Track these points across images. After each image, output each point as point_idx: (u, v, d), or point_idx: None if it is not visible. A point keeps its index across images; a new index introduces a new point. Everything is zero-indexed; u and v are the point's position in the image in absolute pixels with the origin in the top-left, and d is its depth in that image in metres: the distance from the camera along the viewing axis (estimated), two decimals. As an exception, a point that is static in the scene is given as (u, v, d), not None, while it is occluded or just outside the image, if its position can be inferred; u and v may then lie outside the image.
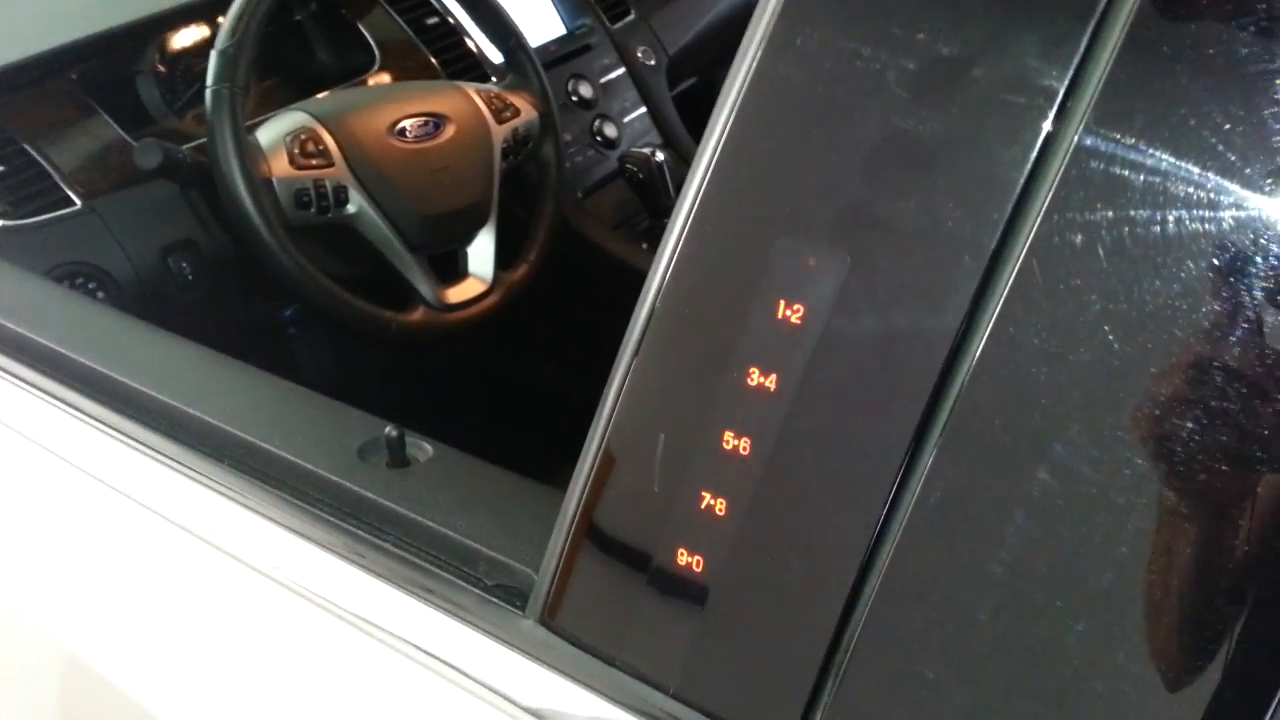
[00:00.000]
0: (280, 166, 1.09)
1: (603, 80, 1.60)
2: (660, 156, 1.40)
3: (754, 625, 0.44)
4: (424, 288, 1.18)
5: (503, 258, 1.26)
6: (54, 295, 0.97)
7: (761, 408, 0.43)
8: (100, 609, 0.73)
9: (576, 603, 0.50)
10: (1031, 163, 0.38)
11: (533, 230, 1.31)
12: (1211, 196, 0.35)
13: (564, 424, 0.68)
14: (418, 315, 1.17)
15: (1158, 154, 0.36)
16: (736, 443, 0.44)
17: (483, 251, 1.25)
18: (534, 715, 0.52)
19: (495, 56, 1.47)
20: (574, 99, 1.54)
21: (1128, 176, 0.37)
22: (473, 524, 0.59)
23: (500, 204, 1.25)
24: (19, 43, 1.20)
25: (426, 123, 1.19)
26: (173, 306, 1.16)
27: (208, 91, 1.06)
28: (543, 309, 1.35)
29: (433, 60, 1.46)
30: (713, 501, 0.45)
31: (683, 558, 0.46)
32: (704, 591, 0.45)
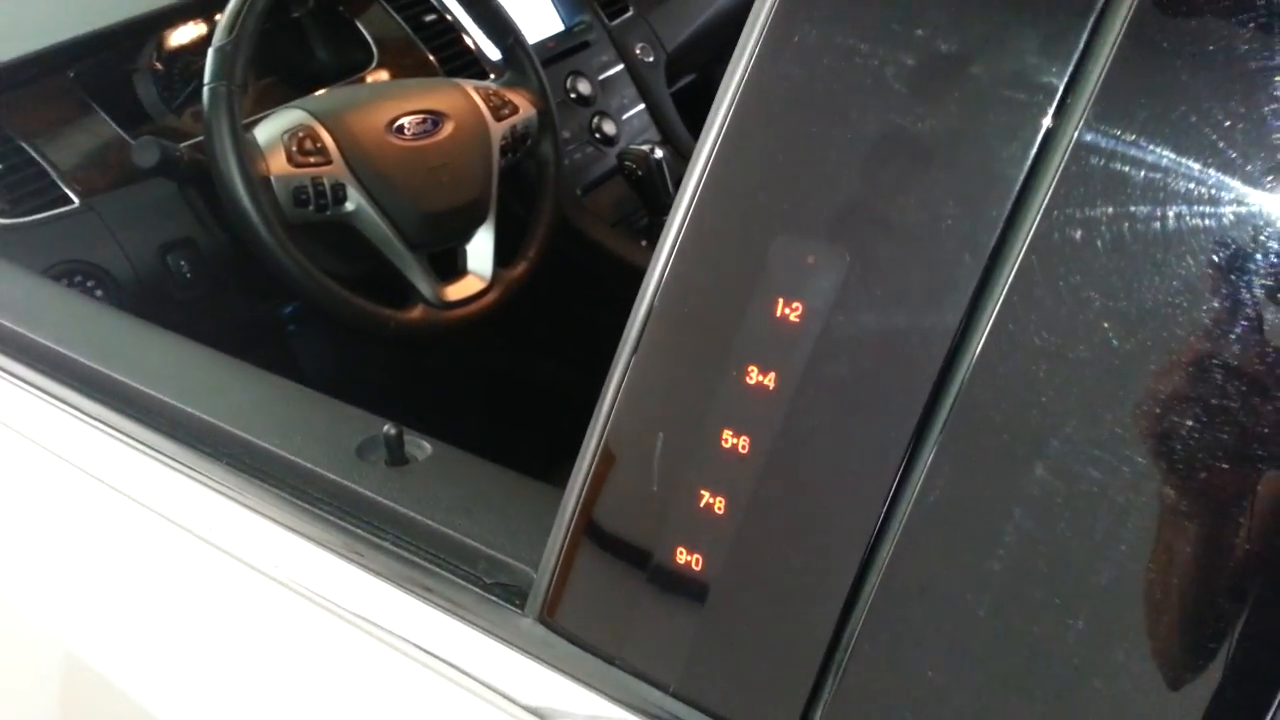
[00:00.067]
0: (278, 164, 1.09)
1: (601, 77, 1.59)
2: (659, 153, 1.39)
3: (754, 623, 0.44)
4: (423, 285, 1.18)
5: (502, 255, 1.26)
6: (52, 294, 0.97)
7: (760, 406, 0.43)
8: (99, 608, 0.73)
9: (576, 601, 0.50)
10: (1031, 159, 0.38)
11: (532, 228, 1.30)
12: (1211, 193, 0.35)
13: (563, 422, 0.68)
14: (417, 313, 1.17)
15: (1157, 150, 0.36)
16: (735, 441, 0.44)
17: (482, 249, 1.25)
18: (533, 714, 0.52)
19: (493, 53, 1.47)
20: (572, 96, 1.54)
21: (1127, 173, 0.36)
22: (472, 522, 0.59)
23: (499, 201, 1.25)
24: (16, 41, 1.20)
25: (425, 120, 1.19)
26: (171, 305, 1.15)
27: (205, 89, 1.06)
28: (542, 306, 1.35)
29: (431, 58, 1.46)
30: (712, 500, 0.45)
31: (682, 556, 0.46)
32: (703, 590, 0.45)
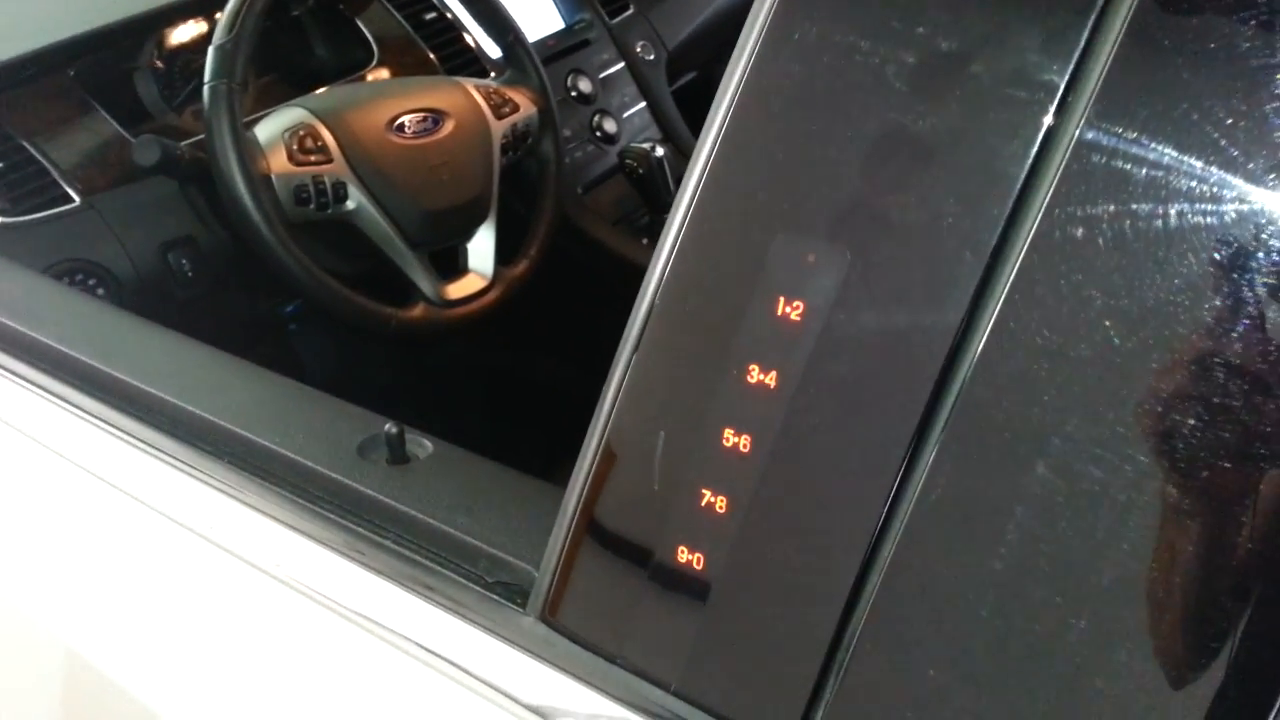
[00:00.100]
0: (279, 163, 1.09)
1: (602, 75, 1.59)
2: (660, 152, 1.39)
3: (755, 622, 0.44)
4: (424, 284, 1.18)
5: (503, 253, 1.26)
6: (53, 292, 0.97)
7: (762, 405, 0.43)
8: (100, 606, 0.73)
9: (577, 600, 0.50)
10: (1032, 158, 0.38)
11: (533, 226, 1.30)
12: (1213, 191, 0.35)
13: (565, 420, 0.68)
14: (418, 311, 1.17)
15: (1159, 148, 0.36)
16: (737, 440, 0.44)
17: (483, 247, 1.25)
18: (535, 712, 0.52)
19: (494, 52, 1.46)
20: (573, 94, 1.54)
21: (1129, 171, 0.36)
22: (473, 521, 0.59)
23: (500, 200, 1.24)
24: (16, 39, 1.20)
25: (425, 118, 1.19)
26: (172, 303, 1.15)
27: (205, 87, 1.06)
28: (543, 305, 1.35)
29: (431, 56, 1.46)
30: (713, 499, 0.45)
31: (683, 555, 0.46)
32: (705, 589, 0.45)
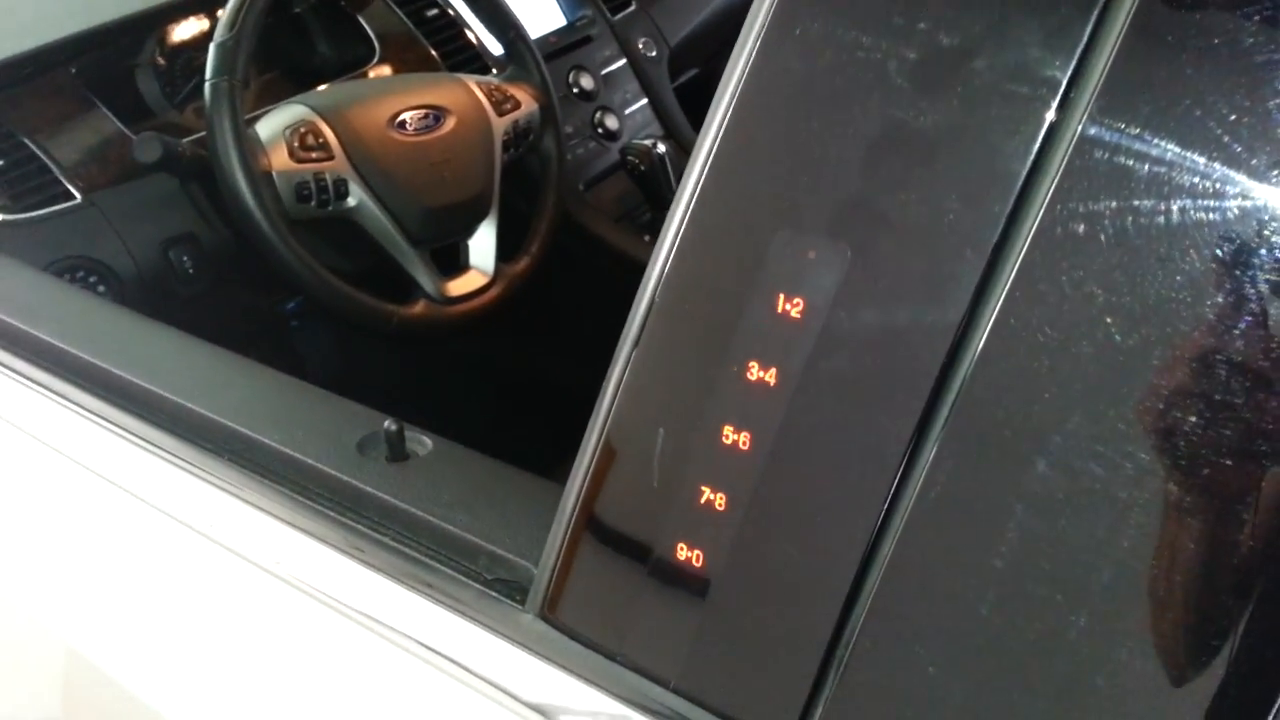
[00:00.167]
0: (280, 160, 1.09)
1: (604, 72, 1.59)
2: (662, 148, 1.39)
3: (755, 620, 0.44)
4: (425, 281, 1.18)
5: (504, 250, 1.26)
6: (55, 290, 0.97)
7: (761, 402, 0.43)
8: (100, 604, 0.73)
9: (576, 597, 0.50)
10: (1034, 154, 0.38)
11: (534, 223, 1.30)
12: (1216, 187, 0.35)
13: (566, 417, 0.68)
14: (419, 308, 1.17)
15: (1162, 144, 0.36)
16: (736, 437, 0.44)
17: (484, 244, 1.24)
18: (534, 709, 0.52)
19: (495, 48, 1.46)
20: (575, 91, 1.54)
21: (1131, 167, 0.36)
22: (472, 518, 0.59)
23: (501, 197, 1.24)
24: (18, 36, 1.20)
25: (427, 115, 1.19)
26: (174, 300, 1.15)
27: (206, 84, 1.06)
28: (544, 302, 1.35)
29: (433, 52, 1.45)
30: (713, 496, 0.45)
31: (683, 552, 0.46)
32: (704, 586, 0.45)
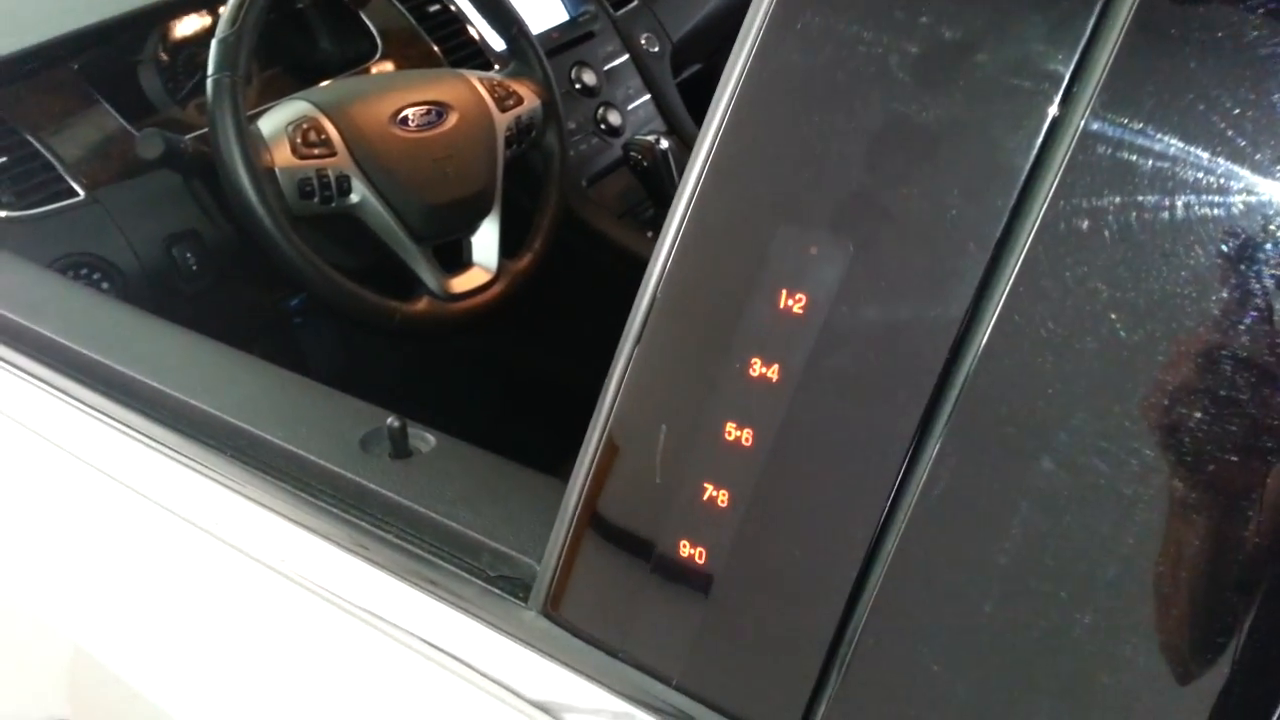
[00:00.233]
0: (283, 156, 1.09)
1: (606, 68, 1.59)
2: (664, 144, 1.38)
3: (758, 617, 0.44)
4: (428, 277, 1.18)
5: (507, 247, 1.25)
6: (58, 287, 0.97)
7: (764, 398, 0.43)
8: (104, 601, 0.73)
9: (579, 594, 0.50)
10: (1037, 148, 0.38)
11: (537, 219, 1.30)
12: (1220, 182, 0.35)
13: (569, 414, 0.68)
14: (422, 305, 1.17)
15: (1165, 139, 0.36)
16: (739, 434, 0.44)
17: (487, 241, 1.24)
18: (537, 706, 0.52)
19: (498, 44, 1.46)
20: (577, 87, 1.54)
21: (1135, 162, 0.36)
22: (475, 515, 0.59)
23: (504, 193, 1.24)
24: (20, 33, 1.20)
25: (429, 111, 1.19)
26: (177, 297, 1.15)
27: (209, 80, 1.05)
28: (547, 298, 1.35)
29: (435, 49, 1.45)
30: (715, 493, 0.45)
31: (685, 549, 0.45)
32: (707, 583, 0.45)
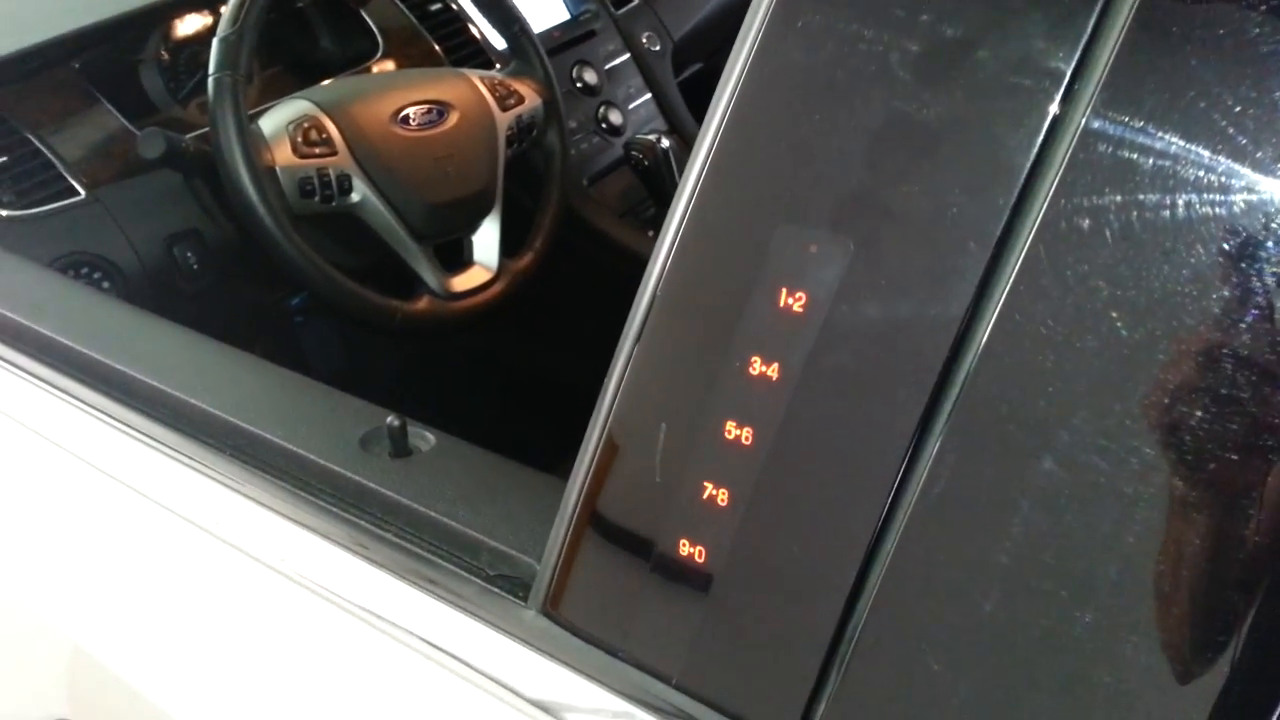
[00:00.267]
0: (284, 155, 1.09)
1: (607, 66, 1.59)
2: (666, 143, 1.38)
3: (757, 615, 0.44)
4: (429, 276, 1.18)
5: (508, 246, 1.25)
6: (59, 286, 0.97)
7: (763, 397, 0.43)
8: (103, 600, 0.73)
9: (578, 593, 0.50)
10: (1038, 147, 0.38)
11: (538, 218, 1.30)
12: (1222, 180, 0.35)
13: (569, 413, 0.68)
14: (423, 304, 1.17)
15: (1167, 137, 0.35)
16: (739, 432, 0.44)
17: (488, 240, 1.24)
18: (536, 705, 0.51)
19: (499, 43, 1.46)
20: (578, 85, 1.54)
21: (1136, 160, 0.36)
22: (475, 514, 0.59)
23: (505, 192, 1.24)
24: (21, 32, 1.20)
25: (430, 110, 1.19)
26: (178, 296, 1.15)
27: (209, 79, 1.06)
28: (548, 297, 1.35)
29: (436, 47, 1.45)
30: (715, 491, 0.44)
31: (685, 548, 0.45)
32: (707, 582, 0.45)
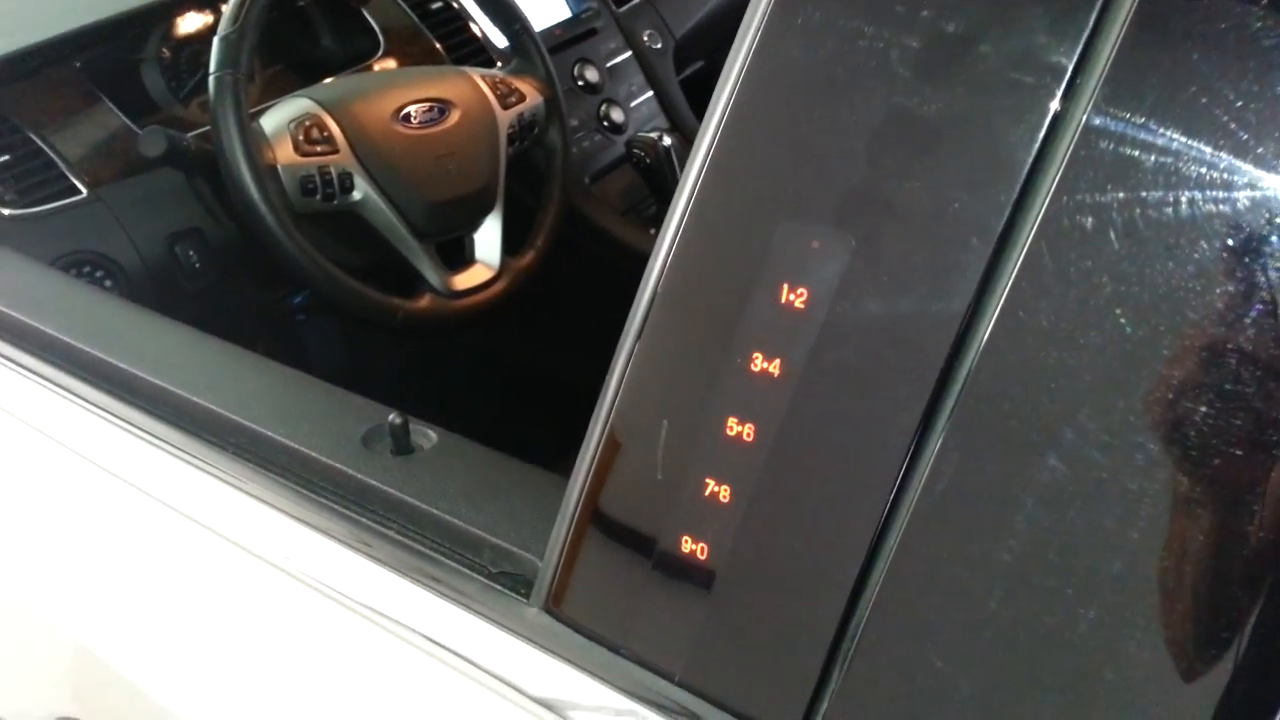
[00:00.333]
0: (285, 153, 1.09)
1: (609, 64, 1.58)
2: (667, 141, 1.38)
3: (760, 612, 0.44)
4: (431, 274, 1.18)
5: (510, 244, 1.25)
6: (61, 285, 0.97)
7: (765, 393, 0.43)
8: (106, 598, 0.73)
9: (581, 590, 0.50)
10: (1039, 143, 0.38)
11: (539, 216, 1.30)
12: (1224, 176, 0.35)
13: (571, 410, 0.68)
14: (425, 302, 1.17)
15: (1168, 133, 0.35)
16: (740, 429, 0.44)
17: (489, 238, 1.24)
18: (539, 703, 0.52)
19: (500, 41, 1.46)
20: (580, 83, 1.53)
21: (1138, 156, 0.36)
22: (477, 511, 0.59)
23: (507, 190, 1.24)
24: (22, 30, 1.20)
25: (431, 108, 1.19)
26: (180, 294, 1.16)
27: (211, 78, 1.05)
28: (550, 295, 1.35)
29: (437, 46, 1.45)
30: (717, 488, 0.44)
31: (687, 545, 0.45)
32: (709, 579, 0.45)
